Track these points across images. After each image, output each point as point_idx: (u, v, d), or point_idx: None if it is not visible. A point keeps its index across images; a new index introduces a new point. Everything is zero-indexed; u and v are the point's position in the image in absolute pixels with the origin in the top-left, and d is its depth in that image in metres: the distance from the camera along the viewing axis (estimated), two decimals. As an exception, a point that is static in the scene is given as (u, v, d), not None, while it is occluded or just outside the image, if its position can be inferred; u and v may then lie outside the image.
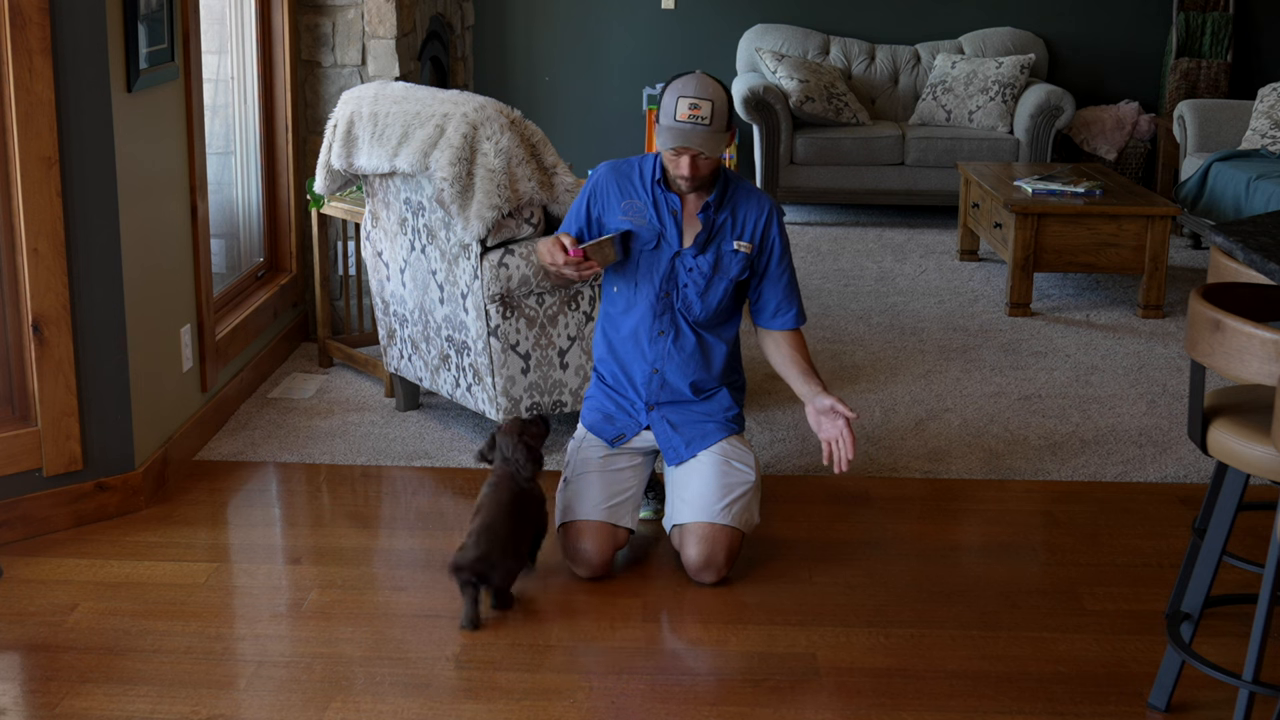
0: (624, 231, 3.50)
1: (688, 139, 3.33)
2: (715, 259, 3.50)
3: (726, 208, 3.51)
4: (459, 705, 2.92)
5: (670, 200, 3.49)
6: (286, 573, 3.57)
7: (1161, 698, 2.93)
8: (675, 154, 3.38)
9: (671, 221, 3.50)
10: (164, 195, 4.04)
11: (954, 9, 8.34)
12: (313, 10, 5.22)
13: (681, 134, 3.33)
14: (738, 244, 3.50)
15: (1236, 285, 2.91)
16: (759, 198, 3.54)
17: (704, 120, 3.32)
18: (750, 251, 3.52)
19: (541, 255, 3.54)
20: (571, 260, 3.42)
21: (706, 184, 3.47)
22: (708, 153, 3.36)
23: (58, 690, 2.94)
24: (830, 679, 3.04)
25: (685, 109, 3.32)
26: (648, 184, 3.52)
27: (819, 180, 7.68)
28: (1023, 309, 5.95)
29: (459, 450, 4.34)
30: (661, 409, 3.58)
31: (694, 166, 3.39)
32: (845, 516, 3.93)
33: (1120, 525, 3.89)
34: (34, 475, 3.64)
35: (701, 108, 3.32)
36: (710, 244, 3.50)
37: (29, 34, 3.41)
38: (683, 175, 3.40)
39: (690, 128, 3.32)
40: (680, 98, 3.34)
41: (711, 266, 3.50)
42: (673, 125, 3.34)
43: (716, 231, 3.50)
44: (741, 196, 3.53)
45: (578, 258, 3.42)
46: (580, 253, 3.42)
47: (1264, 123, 7.09)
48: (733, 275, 3.52)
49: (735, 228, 3.51)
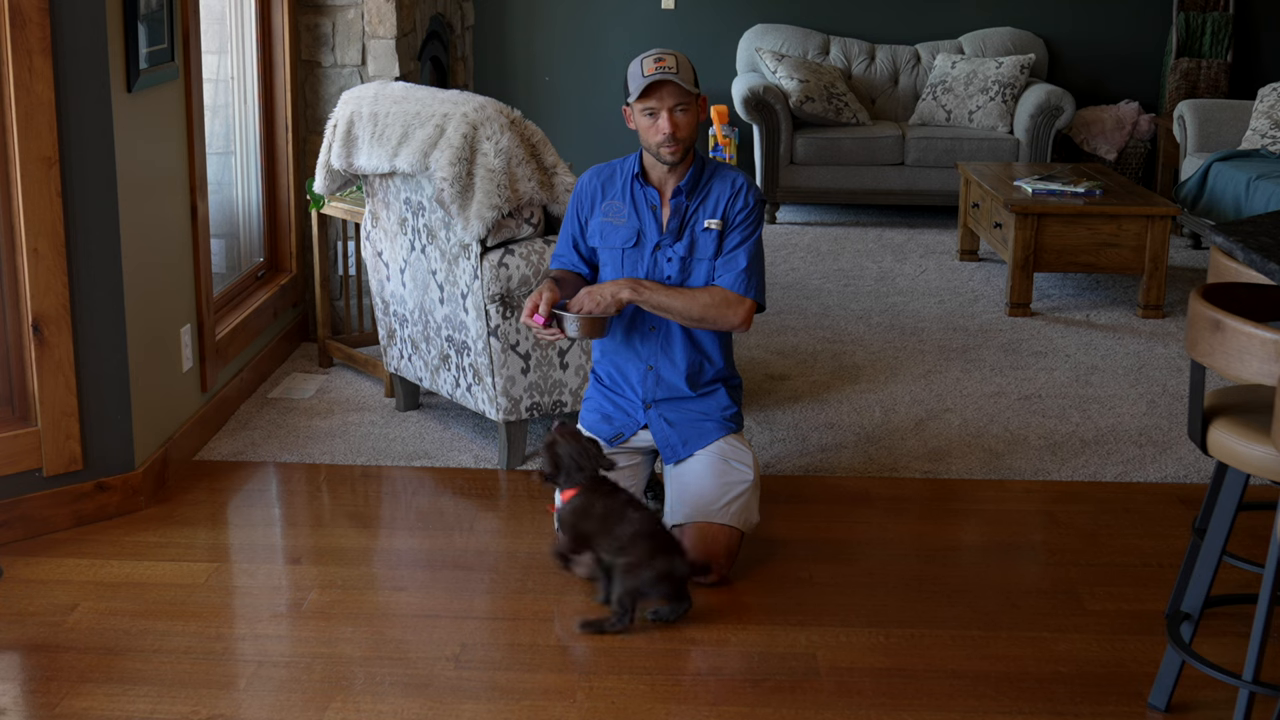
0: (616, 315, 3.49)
1: (661, 78, 3.37)
2: (690, 242, 3.52)
3: (700, 192, 3.53)
4: (459, 705, 2.92)
5: (649, 195, 3.52)
6: (286, 573, 3.57)
7: (1161, 698, 2.93)
8: (652, 114, 3.41)
9: (650, 216, 3.52)
10: (164, 195, 4.04)
11: (954, 9, 8.34)
12: (313, 10, 5.22)
13: (653, 81, 3.38)
14: (709, 222, 3.52)
15: (1236, 285, 2.91)
16: (733, 176, 3.55)
17: (670, 69, 3.39)
18: (720, 228, 3.52)
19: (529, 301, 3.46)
20: (528, 323, 3.42)
21: (688, 155, 3.49)
22: (684, 86, 3.38)
23: (58, 690, 2.94)
24: (830, 679, 3.04)
25: (651, 64, 3.41)
26: (627, 182, 3.55)
27: (819, 180, 7.68)
28: (1023, 309, 5.95)
29: (459, 450, 4.34)
30: (659, 407, 3.59)
31: (673, 123, 3.41)
32: (845, 516, 3.93)
33: (1120, 525, 3.88)
34: (34, 475, 3.64)
35: (666, 59, 3.41)
36: (685, 228, 3.52)
37: (29, 34, 3.41)
38: (664, 136, 3.41)
39: (660, 75, 3.38)
40: (643, 59, 3.44)
41: (687, 249, 3.52)
42: (642, 79, 3.40)
43: (690, 216, 3.52)
44: (716, 179, 3.55)
45: (538, 323, 3.40)
46: (542, 319, 3.39)
47: (1264, 123, 7.09)
48: (709, 255, 3.52)
49: (708, 208, 3.52)
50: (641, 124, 3.44)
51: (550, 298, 3.41)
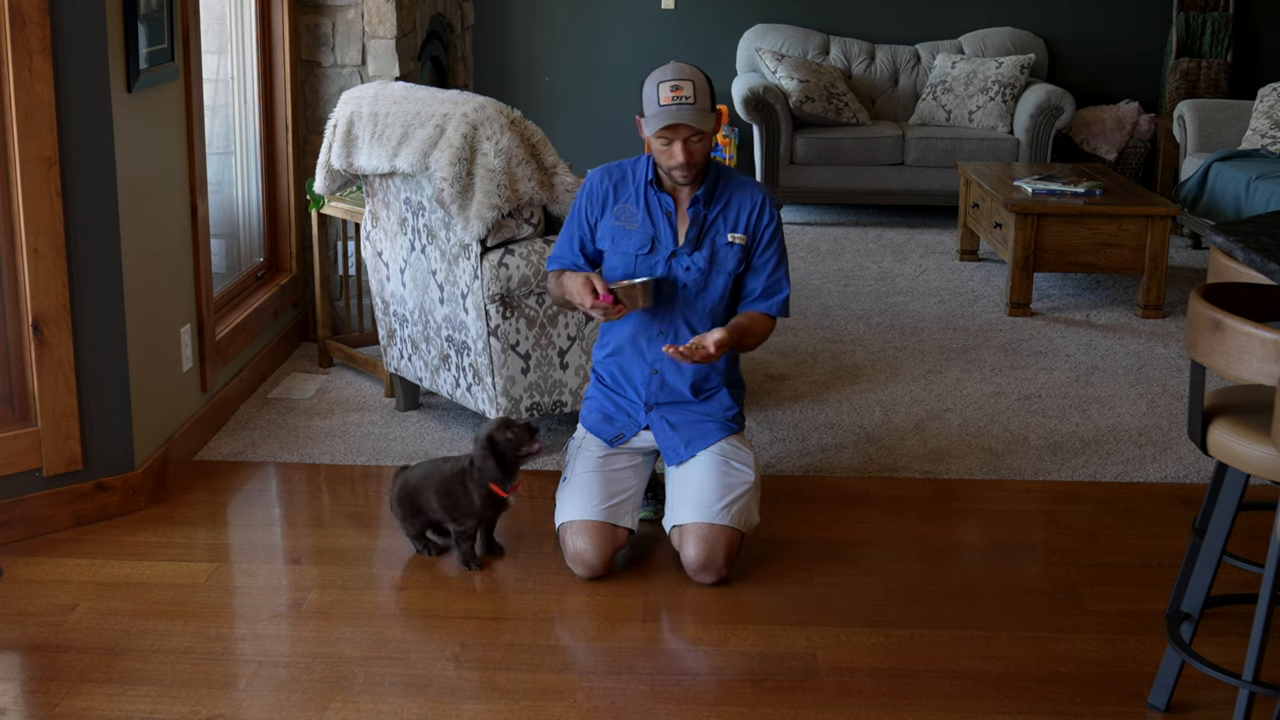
0: (657, 278, 3.48)
1: (676, 118, 3.32)
2: (711, 254, 3.50)
3: (719, 201, 3.50)
4: (459, 705, 2.92)
5: (663, 201, 3.49)
6: (286, 573, 3.57)
7: (1161, 698, 2.92)
8: (667, 142, 3.37)
9: (665, 222, 3.50)
10: (164, 195, 4.04)
11: (954, 9, 8.33)
12: (313, 10, 5.22)
13: (669, 114, 3.33)
14: (733, 236, 3.50)
15: (1236, 285, 2.91)
16: (751, 188, 3.53)
17: (688, 99, 3.33)
18: (745, 243, 3.51)
19: (570, 293, 3.48)
20: (600, 305, 3.40)
21: (701, 174, 3.46)
22: (698, 126, 3.34)
23: (58, 690, 2.94)
24: (830, 679, 3.04)
25: (668, 92, 3.34)
26: (640, 187, 3.52)
27: (819, 180, 7.68)
28: (1023, 309, 5.95)
29: (459, 450, 4.33)
30: (661, 409, 3.58)
31: (687, 152, 3.37)
32: (845, 516, 3.93)
33: (1120, 525, 3.88)
34: (34, 475, 3.64)
35: (683, 88, 3.34)
36: (704, 239, 3.49)
37: (29, 34, 3.41)
38: (677, 164, 3.38)
39: (676, 108, 3.32)
40: (660, 83, 3.36)
41: (708, 261, 3.50)
42: (658, 110, 3.34)
43: (709, 226, 3.49)
44: (734, 188, 3.52)
45: (607, 302, 3.39)
46: (610, 297, 3.39)
47: (1264, 123, 7.09)
48: (730, 269, 3.51)
49: (729, 220, 3.50)
50: (655, 145, 3.41)
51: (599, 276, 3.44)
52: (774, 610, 3.35)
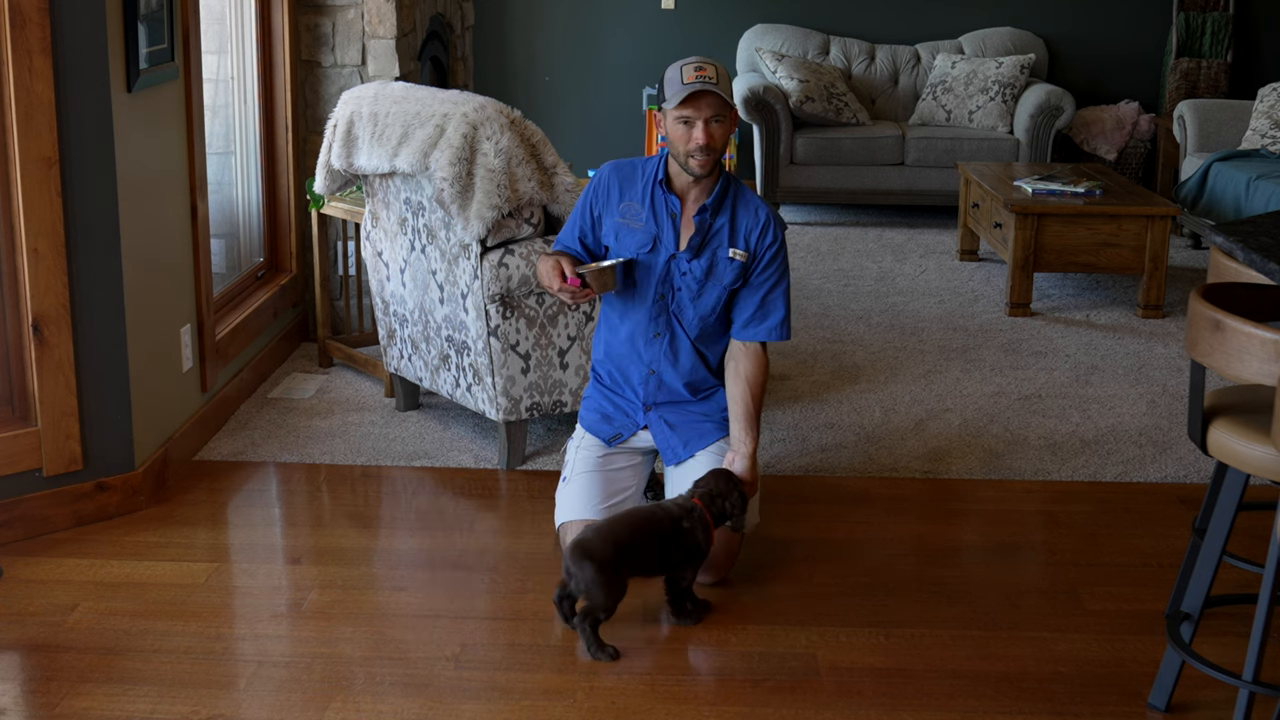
0: (626, 260, 3.49)
1: (701, 88, 3.31)
2: (709, 265, 3.49)
3: (725, 213, 3.49)
4: (459, 705, 2.92)
5: (670, 202, 3.48)
6: (286, 573, 3.57)
7: (1161, 698, 2.93)
8: (688, 124, 3.36)
9: (669, 224, 3.49)
10: (164, 195, 4.04)
11: (954, 9, 8.34)
12: (313, 10, 5.22)
13: (693, 87, 3.32)
14: (734, 252, 3.48)
15: (1236, 285, 2.91)
16: (758, 206, 3.51)
17: (711, 79, 3.34)
18: (746, 260, 3.50)
19: (540, 276, 3.52)
20: (567, 288, 3.42)
21: (715, 170, 3.46)
22: (723, 95, 3.34)
23: (58, 690, 2.94)
24: (830, 679, 3.04)
25: (691, 71, 3.35)
26: (649, 185, 3.51)
27: (819, 180, 7.68)
28: (1023, 309, 5.95)
29: (459, 450, 4.34)
30: (659, 409, 3.58)
31: (708, 134, 3.35)
32: (845, 516, 3.93)
33: (1120, 525, 3.88)
34: (34, 475, 3.64)
35: (707, 69, 3.36)
36: (705, 248, 3.48)
37: (29, 34, 3.41)
38: (698, 145, 3.35)
39: (701, 85, 3.32)
40: (684, 66, 3.39)
41: (705, 272, 3.49)
42: (682, 87, 3.33)
43: (712, 236, 3.48)
44: (741, 203, 3.50)
45: (574, 285, 3.41)
46: (577, 280, 3.41)
47: (1264, 123, 7.09)
48: (726, 283, 3.50)
49: (733, 235, 3.49)
50: (674, 131, 3.39)
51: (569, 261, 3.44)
52: (774, 610, 3.35)
